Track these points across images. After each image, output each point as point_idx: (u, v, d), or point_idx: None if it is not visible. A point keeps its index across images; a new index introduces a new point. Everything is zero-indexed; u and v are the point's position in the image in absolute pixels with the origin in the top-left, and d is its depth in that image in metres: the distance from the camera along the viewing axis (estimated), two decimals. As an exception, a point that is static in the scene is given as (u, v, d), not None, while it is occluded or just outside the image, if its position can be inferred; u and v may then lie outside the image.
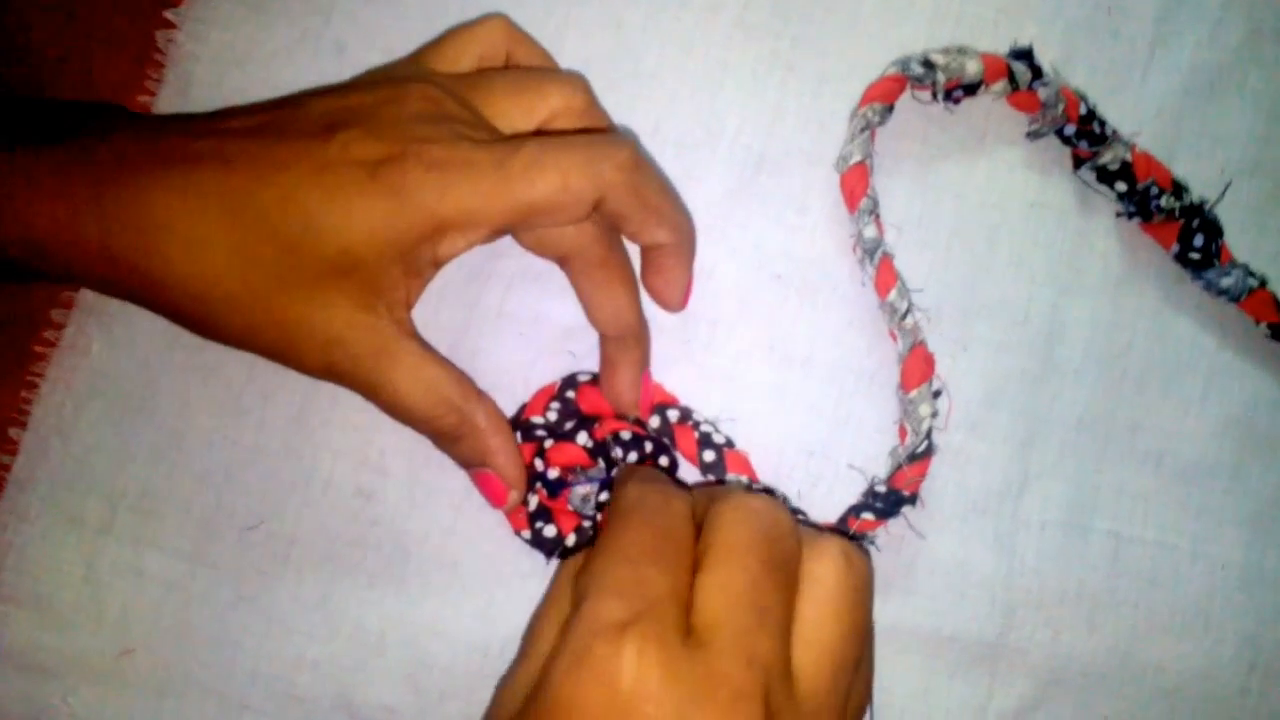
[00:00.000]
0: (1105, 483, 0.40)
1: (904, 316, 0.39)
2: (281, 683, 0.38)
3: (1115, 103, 0.42)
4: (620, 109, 0.40)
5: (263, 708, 0.38)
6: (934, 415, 0.39)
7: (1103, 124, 0.41)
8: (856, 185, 0.40)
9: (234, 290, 0.33)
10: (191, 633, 0.39)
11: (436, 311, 0.40)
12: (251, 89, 0.40)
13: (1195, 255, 0.40)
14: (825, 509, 0.39)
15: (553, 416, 0.39)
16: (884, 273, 0.39)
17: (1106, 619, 0.40)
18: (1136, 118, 0.42)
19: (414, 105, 0.35)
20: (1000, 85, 0.41)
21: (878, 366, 0.40)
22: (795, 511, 0.39)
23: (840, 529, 0.38)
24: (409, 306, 0.36)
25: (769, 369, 0.40)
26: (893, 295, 0.39)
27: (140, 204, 0.33)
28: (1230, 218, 0.41)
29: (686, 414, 0.39)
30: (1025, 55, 0.41)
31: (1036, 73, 0.41)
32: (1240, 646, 0.40)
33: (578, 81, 0.38)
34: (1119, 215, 0.41)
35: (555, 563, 0.38)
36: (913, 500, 0.38)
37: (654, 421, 0.39)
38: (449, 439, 0.36)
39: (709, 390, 0.40)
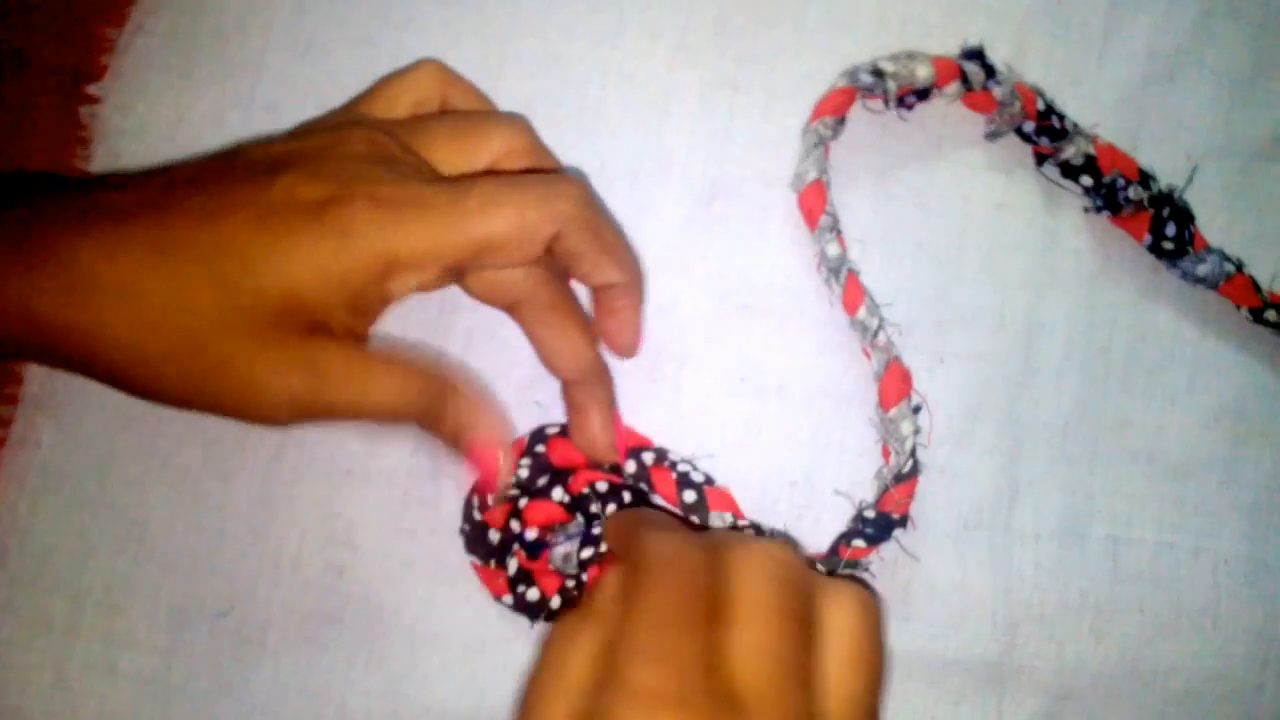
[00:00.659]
0: (1098, 486, 0.39)
1: (875, 334, 0.38)
2: (268, 772, 0.37)
3: (1073, 95, 0.41)
4: (565, 146, 0.39)
5: (251, 800, 0.37)
6: (916, 432, 0.37)
7: (1062, 118, 0.40)
8: (815, 203, 0.39)
9: (173, 341, 0.31)
10: (170, 729, 0.37)
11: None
12: (183, 158, 0.39)
13: (1168, 244, 0.39)
14: (814, 538, 0.38)
15: (524, 473, 0.37)
16: (851, 290, 0.38)
17: (1112, 627, 0.39)
18: (1096, 109, 0.41)
19: (357, 147, 0.34)
20: (953, 87, 0.40)
21: (854, 387, 0.39)
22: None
23: (831, 558, 0.37)
24: (361, 342, 0.34)
25: (743, 401, 0.39)
26: (862, 312, 0.38)
27: (65, 261, 0.31)
28: (1200, 202, 0.40)
29: (662, 455, 0.38)
30: (977, 55, 0.40)
31: (989, 71, 0.40)
32: (1251, 642, 0.39)
33: (519, 123, 0.37)
34: (1087, 210, 0.40)
35: (540, 626, 0.37)
36: (903, 522, 0.37)
37: (629, 466, 0.38)
38: (433, 418, 0.35)
39: (683, 429, 0.39)
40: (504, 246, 0.33)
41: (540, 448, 0.38)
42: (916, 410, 0.38)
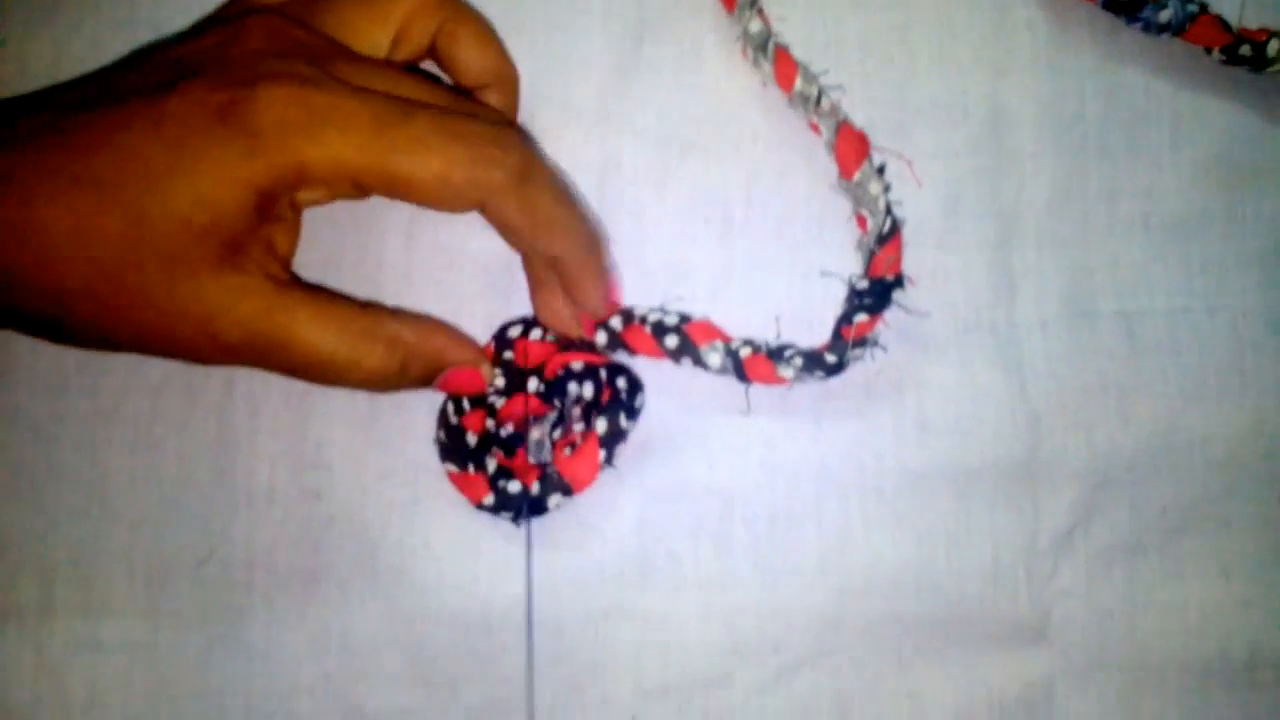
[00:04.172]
0: (1096, 261, 0.37)
1: (818, 101, 0.35)
2: (281, 716, 0.35)
3: None
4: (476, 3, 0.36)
5: (268, 750, 0.35)
6: (886, 190, 0.35)
7: (988, -118, 0.37)
8: (729, -23, 0.36)
9: (85, 276, 0.29)
10: (170, 690, 0.35)
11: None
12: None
13: (1125, -4, 0.37)
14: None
15: (500, 383, 0.35)
16: (782, 65, 0.36)
17: (1138, 404, 0.36)
18: None
19: (257, 41, 0.31)
20: None
21: (824, 202, 0.37)
22: (784, 348, 0.35)
23: (837, 343, 0.34)
24: (283, 257, 0.32)
25: (711, 243, 0.37)
26: (799, 84, 0.35)
27: None
28: (1150, -53, 0.37)
29: (630, 314, 0.35)
30: None
31: None
32: (1284, 394, 0.37)
33: None
34: (1032, -27, 0.38)
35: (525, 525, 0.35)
36: (899, 283, 0.35)
37: (600, 338, 0.35)
38: (394, 375, 0.32)
39: (654, 286, 0.36)
40: (421, 194, 0.30)
41: (508, 354, 0.35)
42: (880, 170, 0.35)
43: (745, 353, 0.34)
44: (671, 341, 0.34)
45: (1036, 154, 0.37)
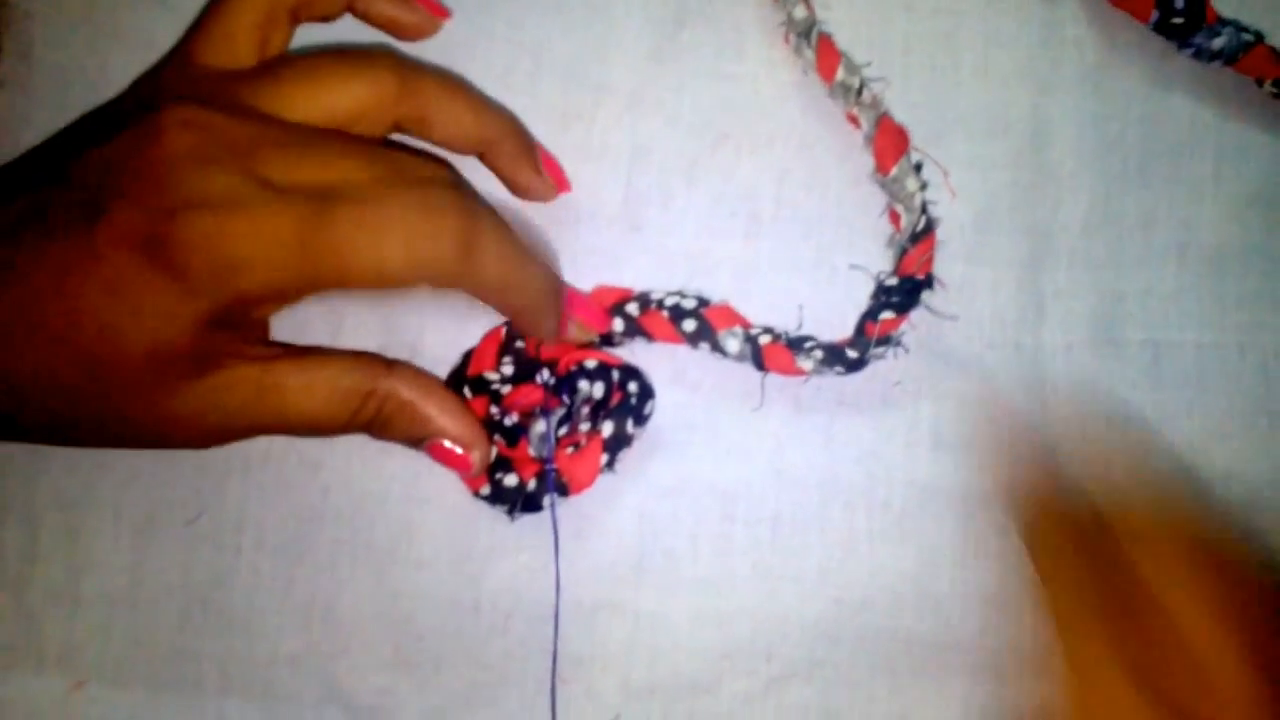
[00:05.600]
0: (1128, 288, 0.36)
1: (859, 92, 0.34)
2: (258, 686, 0.34)
3: None
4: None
5: (243, 717, 0.34)
6: (923, 188, 0.34)
7: (1048, -105, 0.36)
8: (774, -39, 0.36)
9: (54, 409, 0.29)
10: (147, 650, 0.34)
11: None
12: (100, 43, 0.36)
13: (1178, 20, 0.36)
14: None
15: (508, 370, 0.34)
16: (825, 53, 0.35)
17: (1160, 436, 0.35)
18: (1083, -119, 0.37)
19: (174, 144, 0.28)
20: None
21: (856, 203, 0.36)
22: (805, 339, 0.34)
23: (859, 339, 0.34)
24: (261, 324, 0.32)
25: (737, 237, 0.36)
26: (840, 74, 0.35)
27: None
28: (1208, -28, 0.37)
29: (646, 299, 0.35)
30: None
31: None
32: (1311, 438, 0.36)
33: (384, 61, 0.32)
34: (1085, -12, 0.37)
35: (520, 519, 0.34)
36: (929, 283, 0.34)
37: (616, 325, 0.35)
38: (380, 426, 0.32)
39: (675, 275, 0.36)
40: (363, 287, 0.29)
41: (520, 342, 0.35)
42: (918, 168, 0.34)
43: (765, 340, 0.34)
44: (689, 326, 0.34)
45: (1075, 174, 0.36)
